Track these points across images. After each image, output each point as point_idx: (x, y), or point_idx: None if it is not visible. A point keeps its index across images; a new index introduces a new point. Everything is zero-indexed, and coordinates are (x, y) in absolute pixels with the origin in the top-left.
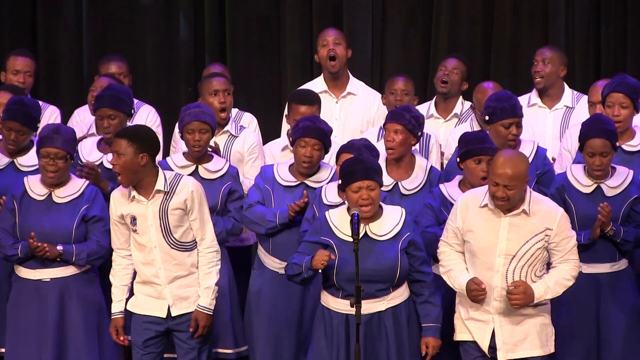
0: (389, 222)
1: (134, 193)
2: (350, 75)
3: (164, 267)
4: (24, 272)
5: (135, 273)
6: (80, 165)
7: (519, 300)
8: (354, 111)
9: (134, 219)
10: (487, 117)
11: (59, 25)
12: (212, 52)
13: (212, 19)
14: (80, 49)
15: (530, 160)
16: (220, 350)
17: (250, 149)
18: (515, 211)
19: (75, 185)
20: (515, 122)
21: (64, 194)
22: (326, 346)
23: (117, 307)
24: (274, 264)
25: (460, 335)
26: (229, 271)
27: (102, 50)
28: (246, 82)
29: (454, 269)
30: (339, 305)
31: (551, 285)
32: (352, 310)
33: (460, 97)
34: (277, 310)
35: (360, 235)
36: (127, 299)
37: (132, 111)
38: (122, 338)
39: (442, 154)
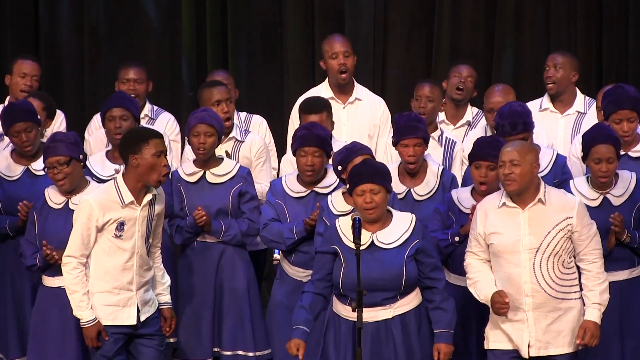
0: (398, 229)
1: (132, 198)
2: (355, 81)
3: (139, 272)
4: (46, 280)
5: None
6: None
7: (596, 339)
8: (361, 116)
9: (121, 225)
10: (495, 131)
11: (61, 30)
12: (214, 58)
13: (214, 24)
14: (82, 54)
15: (549, 168)
16: (241, 353)
17: (257, 153)
18: (531, 203)
19: (91, 191)
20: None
21: (78, 200)
22: (334, 352)
23: (92, 314)
24: (297, 274)
25: (493, 344)
26: (248, 274)
27: (103, 55)
28: (248, 87)
29: (480, 280)
30: (347, 312)
31: (599, 300)
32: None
33: (469, 104)
34: None
35: (367, 244)
36: None
37: (139, 118)
38: (107, 339)
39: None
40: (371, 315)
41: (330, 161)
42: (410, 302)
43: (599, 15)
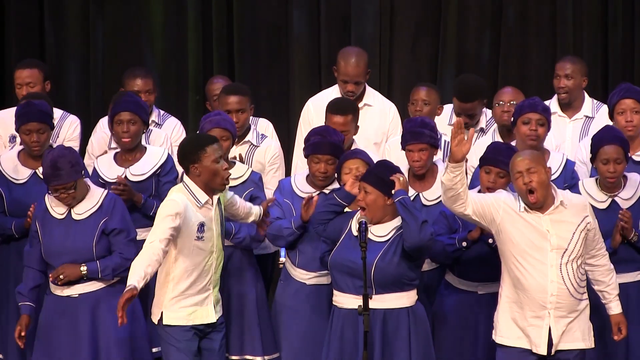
0: (390, 227)
1: (207, 197)
2: (367, 86)
3: (217, 271)
4: (54, 289)
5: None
6: (114, 185)
7: (626, 329)
8: (369, 122)
9: (202, 226)
10: (511, 119)
11: (66, 35)
12: (220, 61)
13: (220, 27)
14: (87, 58)
15: (559, 172)
16: (248, 357)
17: (272, 159)
18: (551, 207)
19: (94, 197)
20: (535, 119)
21: (82, 210)
22: (327, 338)
23: (134, 280)
24: (301, 276)
25: (504, 339)
26: (256, 278)
27: (109, 59)
28: (254, 90)
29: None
30: (334, 296)
31: (618, 291)
32: (337, 302)
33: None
34: (305, 322)
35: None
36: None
37: (148, 122)
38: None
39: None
40: (344, 300)
41: None
42: (384, 302)
43: (604, 18)
